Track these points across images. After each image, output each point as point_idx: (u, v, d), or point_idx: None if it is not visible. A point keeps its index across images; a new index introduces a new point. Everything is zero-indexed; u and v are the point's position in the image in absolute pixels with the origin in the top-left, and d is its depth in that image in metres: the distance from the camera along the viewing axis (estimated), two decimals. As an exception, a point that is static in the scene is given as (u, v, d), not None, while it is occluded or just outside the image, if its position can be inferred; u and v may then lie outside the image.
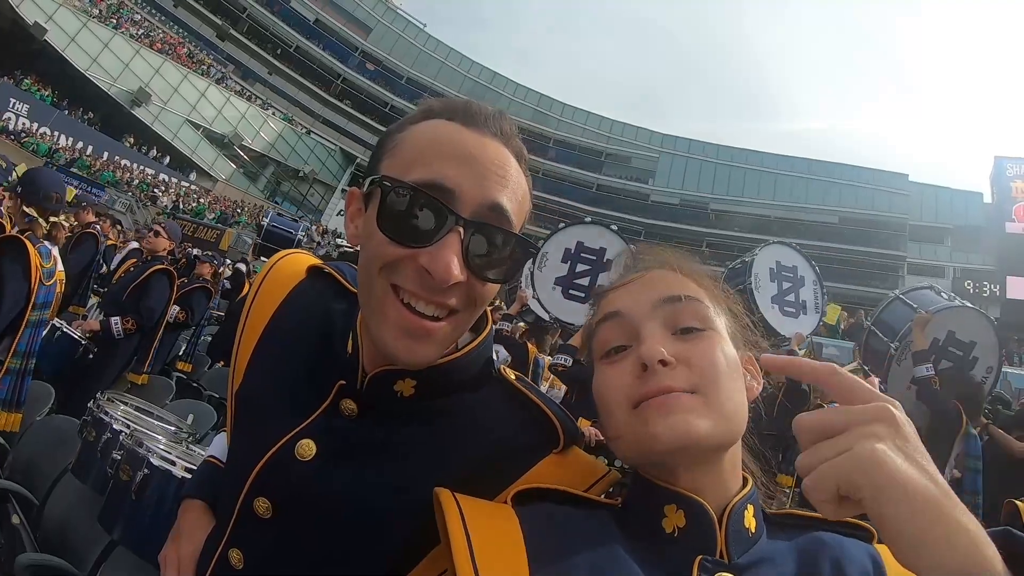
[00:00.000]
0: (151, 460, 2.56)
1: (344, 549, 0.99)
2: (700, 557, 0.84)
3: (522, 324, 8.39)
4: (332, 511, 0.99)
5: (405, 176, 0.91)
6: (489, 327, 1.10)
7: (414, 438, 1.03)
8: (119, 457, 2.68)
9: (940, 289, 6.77)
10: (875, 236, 45.37)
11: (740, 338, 0.99)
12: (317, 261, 1.29)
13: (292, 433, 1.03)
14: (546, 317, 8.56)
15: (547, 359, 7.75)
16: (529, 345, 7.32)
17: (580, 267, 7.24)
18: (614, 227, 7.59)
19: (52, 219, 3.89)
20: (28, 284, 3.59)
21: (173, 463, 2.57)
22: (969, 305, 6.40)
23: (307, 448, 1.01)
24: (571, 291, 7.17)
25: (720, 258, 41.45)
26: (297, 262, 1.28)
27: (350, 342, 1.06)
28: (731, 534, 0.86)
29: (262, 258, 10.81)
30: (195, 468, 2.68)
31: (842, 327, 15.36)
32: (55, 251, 3.86)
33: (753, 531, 0.89)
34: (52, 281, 3.82)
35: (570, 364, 5.32)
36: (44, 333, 4.03)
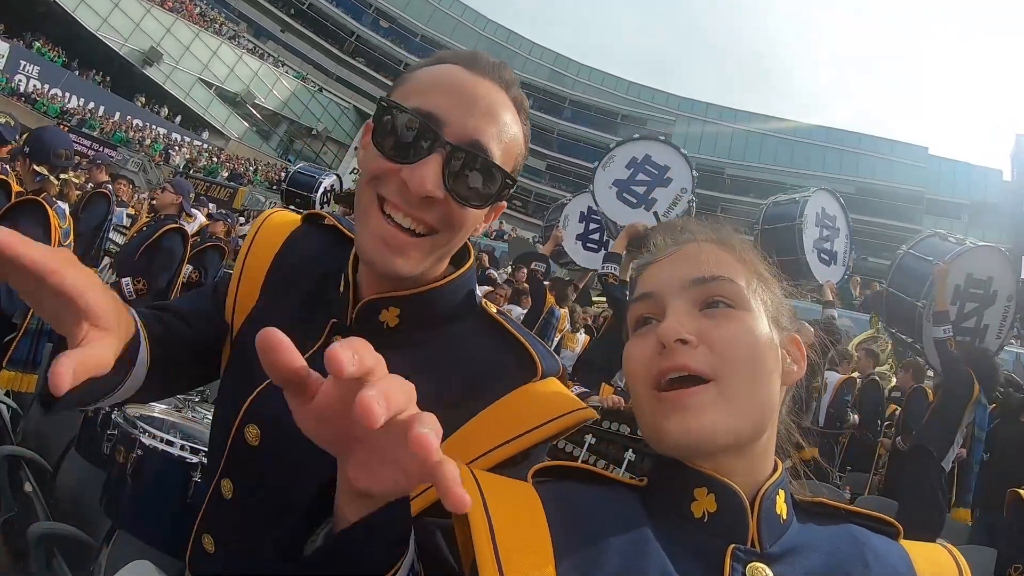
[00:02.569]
0: (143, 440, 2.51)
1: (326, 469, 0.98)
2: (733, 546, 0.80)
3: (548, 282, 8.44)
4: None
5: (405, 104, 0.99)
6: (471, 262, 1.16)
7: (396, 366, 1.02)
8: (114, 435, 2.63)
9: (945, 234, 6.82)
10: (891, 208, 44.92)
11: (784, 317, 0.94)
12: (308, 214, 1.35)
13: None
14: (579, 262, 8.60)
15: (564, 311, 7.79)
16: (549, 295, 7.37)
17: (640, 176, 7.55)
18: (684, 151, 7.85)
19: (63, 176, 3.88)
20: (49, 245, 3.58)
21: (171, 442, 2.51)
22: (980, 243, 6.47)
23: None
24: (624, 194, 7.56)
25: (734, 224, 41.10)
26: (288, 214, 1.34)
27: (342, 283, 1.13)
28: (763, 521, 0.83)
29: (289, 206, 10.83)
30: (197, 438, 2.65)
31: (856, 294, 15.28)
32: (68, 210, 3.85)
33: (784, 518, 0.86)
34: (68, 241, 3.84)
35: (619, 274, 5.09)
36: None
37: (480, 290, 1.29)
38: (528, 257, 11.21)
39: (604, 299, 7.92)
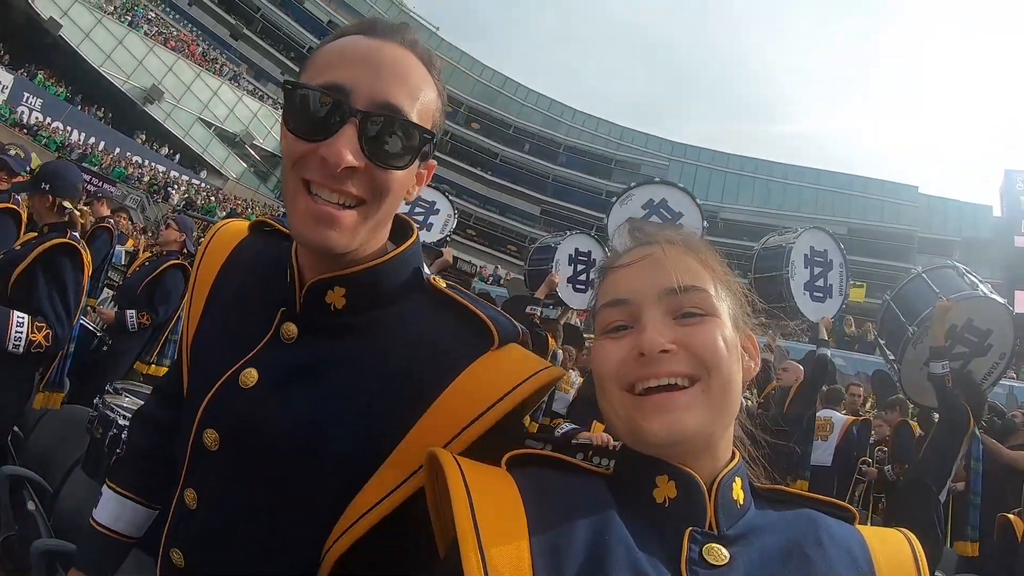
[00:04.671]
0: None
1: (288, 470, 1.03)
2: (690, 528, 0.86)
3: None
4: (273, 434, 1.04)
5: (313, 83, 1.00)
6: (414, 238, 1.16)
7: (350, 352, 1.07)
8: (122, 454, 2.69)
9: (963, 270, 6.71)
10: (883, 247, 45.12)
11: (740, 318, 0.99)
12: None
13: (237, 365, 1.10)
14: (571, 305, 8.78)
15: (563, 353, 7.85)
16: (550, 337, 7.44)
17: (654, 218, 7.74)
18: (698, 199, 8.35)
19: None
20: (82, 276, 3.73)
21: None
22: (993, 296, 6.39)
23: (249, 377, 1.08)
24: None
25: (728, 267, 41.12)
26: (239, 225, 1.36)
27: (288, 272, 1.12)
28: (720, 506, 0.89)
29: None
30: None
31: (848, 332, 15.34)
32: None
33: (741, 503, 0.92)
34: (91, 270, 3.98)
35: None
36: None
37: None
38: (520, 302, 11.16)
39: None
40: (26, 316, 3.35)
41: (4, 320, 3.26)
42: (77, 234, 3.80)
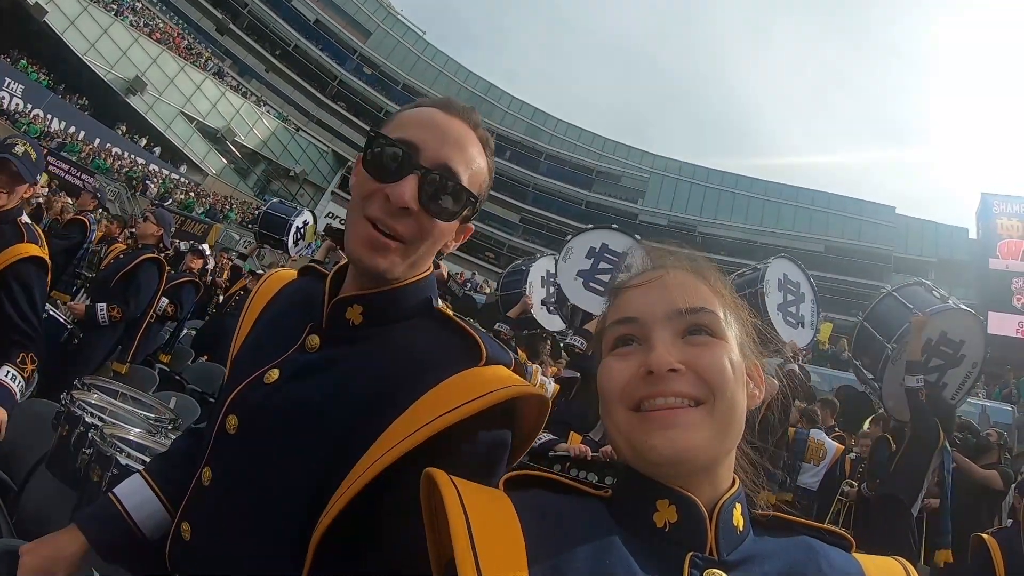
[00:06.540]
0: (119, 459, 2.52)
1: (291, 451, 1.16)
2: (691, 554, 0.86)
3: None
4: (284, 417, 1.19)
5: (390, 136, 1.19)
6: (428, 271, 1.32)
7: (357, 356, 1.23)
8: (89, 454, 2.63)
9: (931, 286, 6.86)
10: (860, 266, 45.57)
11: (747, 346, 1.01)
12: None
13: (265, 368, 1.27)
14: (547, 327, 8.73)
15: (536, 367, 7.84)
16: (520, 351, 7.44)
17: (602, 265, 7.83)
18: (638, 236, 8.13)
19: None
20: (46, 279, 3.62)
21: (144, 461, 2.52)
22: (962, 307, 6.55)
23: (272, 375, 1.25)
24: (591, 283, 7.80)
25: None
26: (288, 272, 1.59)
27: (321, 295, 1.30)
28: (721, 531, 0.89)
29: (266, 246, 10.56)
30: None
31: (826, 346, 15.50)
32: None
33: (741, 529, 0.92)
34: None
35: (585, 347, 5.26)
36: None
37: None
38: (492, 310, 11.16)
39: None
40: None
41: None
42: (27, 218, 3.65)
